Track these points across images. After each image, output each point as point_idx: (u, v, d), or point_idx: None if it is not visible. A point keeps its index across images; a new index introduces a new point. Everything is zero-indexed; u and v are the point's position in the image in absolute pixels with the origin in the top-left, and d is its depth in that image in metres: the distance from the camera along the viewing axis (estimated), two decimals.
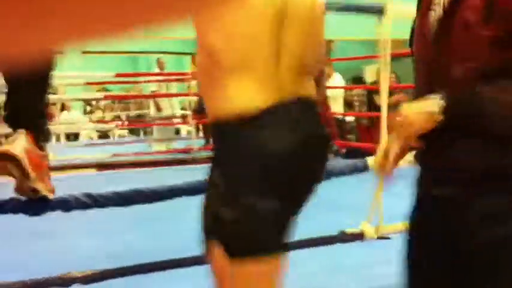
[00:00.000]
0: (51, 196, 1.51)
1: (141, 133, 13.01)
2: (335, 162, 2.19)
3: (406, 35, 1.27)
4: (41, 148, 1.51)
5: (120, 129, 12.18)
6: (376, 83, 9.19)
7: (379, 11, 2.03)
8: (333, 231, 2.05)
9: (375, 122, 7.66)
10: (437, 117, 1.03)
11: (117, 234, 3.31)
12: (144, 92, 10.09)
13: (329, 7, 2.00)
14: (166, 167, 6.38)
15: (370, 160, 2.02)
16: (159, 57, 8.98)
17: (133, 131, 13.78)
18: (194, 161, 7.37)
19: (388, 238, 2.00)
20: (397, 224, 2.07)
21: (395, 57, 2.07)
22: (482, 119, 1.05)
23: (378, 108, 8.07)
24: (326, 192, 4.64)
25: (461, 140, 1.08)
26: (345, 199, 4.05)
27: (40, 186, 1.45)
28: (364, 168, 2.02)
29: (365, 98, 8.05)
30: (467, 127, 1.07)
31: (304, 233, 2.06)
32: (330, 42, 6.52)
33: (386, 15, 2.00)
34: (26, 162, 1.37)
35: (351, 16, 10.36)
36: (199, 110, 8.81)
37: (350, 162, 2.18)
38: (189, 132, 9.55)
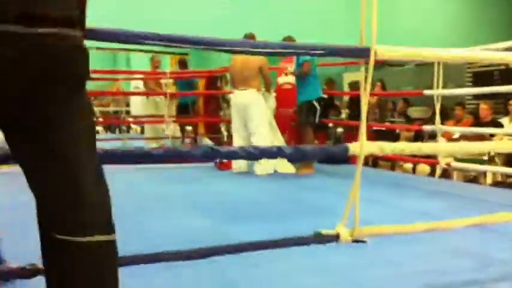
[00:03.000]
0: None
1: (117, 131, 12.89)
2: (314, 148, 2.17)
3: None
4: None
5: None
6: (355, 83, 9.32)
7: (366, 54, 2.00)
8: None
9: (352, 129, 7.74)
10: None
11: None
12: (122, 88, 10.01)
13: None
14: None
15: (352, 146, 2.02)
16: (154, 55, 8.83)
17: (109, 129, 13.68)
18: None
19: (364, 242, 2.00)
20: (373, 227, 2.07)
21: (379, 65, 2.06)
22: None
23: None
24: (312, 195, 4.62)
25: None
26: (327, 203, 4.06)
27: None
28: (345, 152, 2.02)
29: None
30: None
31: (287, 234, 2.06)
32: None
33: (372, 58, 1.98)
34: None
35: (334, 21, 10.33)
36: (180, 110, 8.80)
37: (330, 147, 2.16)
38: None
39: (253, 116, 5.82)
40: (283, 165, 5.87)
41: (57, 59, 1.19)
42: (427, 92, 5.47)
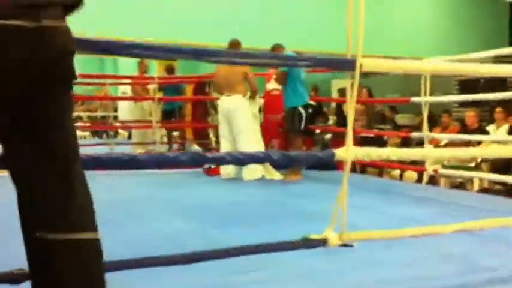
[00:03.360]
0: None
1: (104, 136, 12.81)
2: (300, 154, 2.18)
3: (374, 51, 1.27)
4: None
5: (81, 130, 11.94)
6: (342, 90, 9.38)
7: (351, 66, 2.01)
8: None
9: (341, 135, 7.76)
10: None
11: None
12: (110, 93, 9.98)
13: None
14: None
15: (339, 151, 2.02)
16: (142, 59, 8.74)
17: (96, 134, 13.62)
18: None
19: (352, 246, 2.00)
20: (362, 232, 2.07)
21: (365, 72, 2.07)
22: None
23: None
24: (298, 200, 4.60)
25: None
26: (315, 209, 4.06)
27: None
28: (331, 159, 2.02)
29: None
30: None
31: (274, 239, 2.05)
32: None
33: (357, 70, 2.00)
34: None
35: (319, 29, 10.39)
36: (165, 116, 8.77)
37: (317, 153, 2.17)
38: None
39: (238, 121, 5.82)
40: (270, 173, 5.86)
41: (60, 57, 1.19)
42: (414, 99, 5.50)
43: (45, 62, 1.17)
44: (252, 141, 5.79)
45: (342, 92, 9.85)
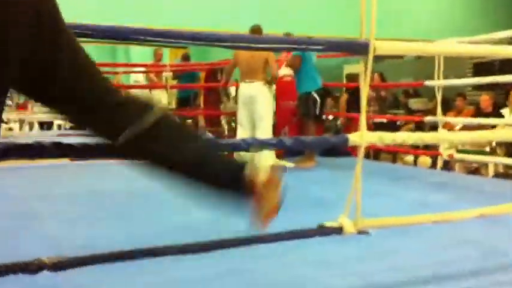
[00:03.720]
0: None
1: None
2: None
3: (387, 35, 1.24)
4: None
5: None
6: (353, 75, 9.29)
7: (364, 49, 1.97)
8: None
9: (351, 121, 7.72)
10: None
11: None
12: (123, 82, 10.01)
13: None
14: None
15: (352, 136, 2.00)
16: (156, 48, 8.76)
17: None
18: None
19: (367, 233, 1.98)
20: (376, 219, 2.06)
21: (378, 57, 2.04)
22: None
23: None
24: (312, 187, 4.57)
25: None
26: (329, 195, 4.05)
27: None
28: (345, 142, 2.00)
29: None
30: None
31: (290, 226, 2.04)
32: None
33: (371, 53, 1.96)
34: None
35: (331, 13, 10.28)
36: (181, 103, 8.78)
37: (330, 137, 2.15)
38: None
39: (260, 108, 5.76)
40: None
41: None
42: (428, 82, 5.44)
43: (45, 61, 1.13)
44: (270, 129, 5.77)
45: (350, 77, 9.75)
